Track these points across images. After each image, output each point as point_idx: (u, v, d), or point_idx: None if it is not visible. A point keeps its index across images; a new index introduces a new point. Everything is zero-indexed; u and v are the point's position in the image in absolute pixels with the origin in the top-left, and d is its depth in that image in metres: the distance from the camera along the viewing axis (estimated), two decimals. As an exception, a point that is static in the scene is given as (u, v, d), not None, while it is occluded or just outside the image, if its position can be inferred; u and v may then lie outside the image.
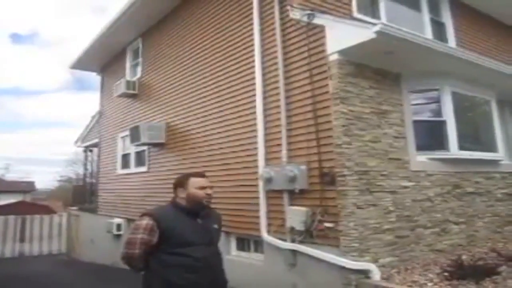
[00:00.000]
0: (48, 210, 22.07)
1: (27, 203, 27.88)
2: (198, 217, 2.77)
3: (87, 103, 64.49)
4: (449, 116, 5.80)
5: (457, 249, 5.51)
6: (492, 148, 6.58)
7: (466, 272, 4.27)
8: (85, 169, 15.58)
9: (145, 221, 2.63)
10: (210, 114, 7.09)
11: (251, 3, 6.22)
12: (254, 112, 5.98)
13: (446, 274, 4.37)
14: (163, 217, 2.67)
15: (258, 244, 6.04)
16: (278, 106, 5.60)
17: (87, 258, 12.20)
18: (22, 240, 15.11)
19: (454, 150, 5.76)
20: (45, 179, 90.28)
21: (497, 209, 6.48)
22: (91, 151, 15.25)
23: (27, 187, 40.82)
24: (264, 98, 5.88)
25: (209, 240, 2.77)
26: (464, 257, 4.95)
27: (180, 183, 2.84)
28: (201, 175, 2.90)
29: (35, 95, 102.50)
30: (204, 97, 7.30)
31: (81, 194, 14.77)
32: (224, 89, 6.79)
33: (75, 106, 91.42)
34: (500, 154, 6.64)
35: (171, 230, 2.61)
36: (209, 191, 2.79)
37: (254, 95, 6.01)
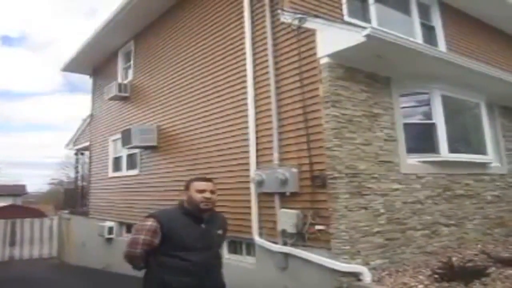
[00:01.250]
0: (39, 214, 21.81)
1: (17, 206, 27.54)
2: (202, 222, 2.80)
3: (78, 105, 63.93)
4: (439, 119, 5.85)
5: (447, 251, 5.54)
6: (481, 150, 6.64)
7: (456, 274, 4.29)
8: (77, 172, 15.49)
9: (149, 223, 2.69)
10: (202, 117, 7.08)
11: (242, 7, 6.24)
12: (246, 115, 5.99)
13: (436, 276, 4.40)
14: (166, 219, 2.72)
15: (250, 247, 6.04)
16: (269, 109, 5.61)
17: (79, 261, 12.10)
18: (12, 244, 14.93)
19: (444, 152, 5.80)
20: (36, 183, 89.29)
21: (487, 211, 6.54)
22: (82, 154, 15.16)
23: (18, 191, 40.33)
24: (256, 101, 5.89)
25: (209, 245, 2.80)
26: (454, 259, 4.98)
27: (186, 186, 2.90)
28: (204, 179, 2.95)
29: (25, 97, 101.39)
30: (197, 99, 7.29)
31: (73, 197, 14.68)
32: (216, 92, 6.78)
33: (66, 108, 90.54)
34: (489, 156, 6.71)
35: (173, 233, 2.66)
36: (207, 194, 2.79)
37: (246, 98, 6.02)
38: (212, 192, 2.82)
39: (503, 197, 6.93)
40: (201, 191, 2.79)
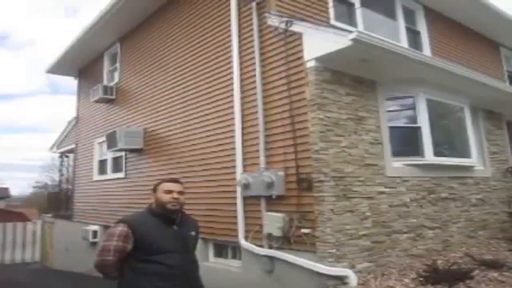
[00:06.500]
0: (23, 218, 21.43)
1: (0, 210, 27.01)
2: (174, 224, 2.73)
3: (62, 107, 63.03)
4: (424, 122, 5.91)
5: (432, 253, 5.58)
6: (465, 154, 6.72)
7: (441, 277, 4.32)
8: (61, 175, 15.25)
9: (120, 228, 2.60)
10: (188, 120, 7.03)
11: (229, 9, 6.22)
12: (232, 119, 5.96)
13: (421, 279, 4.42)
14: (138, 224, 2.64)
15: (236, 251, 6.00)
16: (256, 112, 5.59)
17: (62, 266, 11.89)
18: (-6, 248, 14.67)
19: (429, 156, 5.86)
20: (20, 186, 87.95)
21: (471, 214, 6.61)
22: (67, 156, 14.93)
23: (0, 194, 39.58)
24: (242, 104, 5.87)
25: (183, 248, 2.73)
26: (439, 261, 5.02)
27: (153, 189, 2.83)
28: (172, 180, 2.88)
29: (7, 99, 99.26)
30: (182, 102, 7.23)
31: (57, 201, 14.44)
32: (202, 95, 6.74)
33: (50, 110, 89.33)
34: (473, 160, 6.79)
35: (145, 237, 2.58)
36: (175, 195, 2.74)
37: (232, 101, 5.99)
38: (180, 193, 2.77)
39: (486, 200, 7.02)
40: (169, 192, 2.74)
